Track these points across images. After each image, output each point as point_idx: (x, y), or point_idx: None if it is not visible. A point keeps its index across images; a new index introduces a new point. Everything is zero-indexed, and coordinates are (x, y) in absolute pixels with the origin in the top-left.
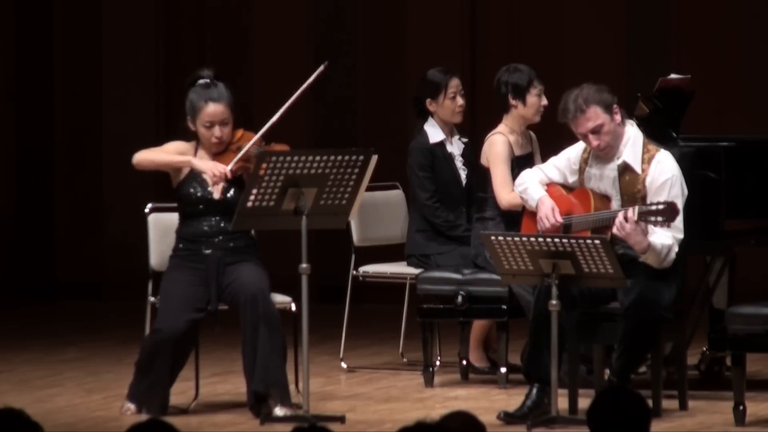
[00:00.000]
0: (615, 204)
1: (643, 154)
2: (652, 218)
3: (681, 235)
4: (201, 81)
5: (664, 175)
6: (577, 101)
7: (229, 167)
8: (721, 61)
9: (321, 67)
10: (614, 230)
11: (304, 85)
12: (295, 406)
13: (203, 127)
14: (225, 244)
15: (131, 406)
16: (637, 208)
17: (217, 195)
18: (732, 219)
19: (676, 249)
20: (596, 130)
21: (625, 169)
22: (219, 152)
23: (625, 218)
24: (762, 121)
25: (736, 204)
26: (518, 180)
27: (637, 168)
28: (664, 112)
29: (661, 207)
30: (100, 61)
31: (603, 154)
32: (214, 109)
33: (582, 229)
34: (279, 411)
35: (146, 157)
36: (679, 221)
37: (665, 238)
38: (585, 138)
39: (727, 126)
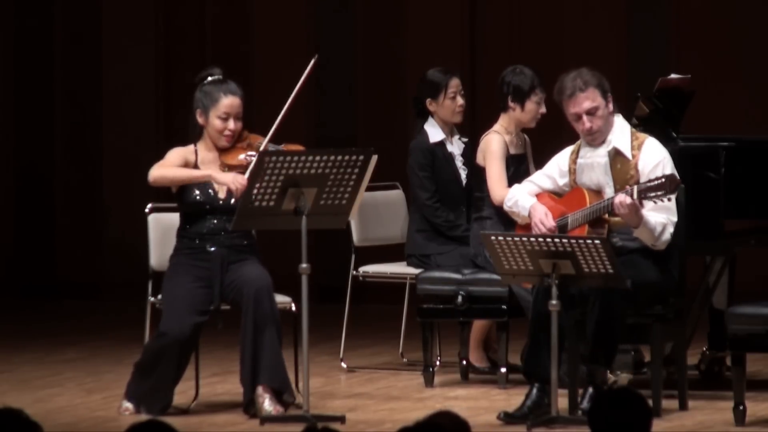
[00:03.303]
0: (609, 192)
1: (632, 140)
2: (653, 194)
3: (675, 218)
4: (213, 77)
5: (655, 157)
6: (576, 81)
7: (247, 175)
8: (721, 60)
9: (312, 61)
10: (616, 201)
11: (300, 81)
12: (295, 407)
13: (218, 118)
14: (228, 241)
15: (129, 406)
16: (636, 186)
17: (222, 194)
18: (732, 219)
19: (671, 230)
20: (592, 112)
21: (616, 154)
22: (225, 148)
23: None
24: (762, 121)
25: (736, 204)
26: (507, 195)
27: (628, 153)
28: (664, 112)
29: (660, 181)
30: (100, 61)
31: (591, 139)
32: (231, 101)
33: (579, 225)
34: (268, 406)
35: (163, 174)
36: (672, 204)
37: (659, 217)
38: (578, 119)
39: (727, 126)
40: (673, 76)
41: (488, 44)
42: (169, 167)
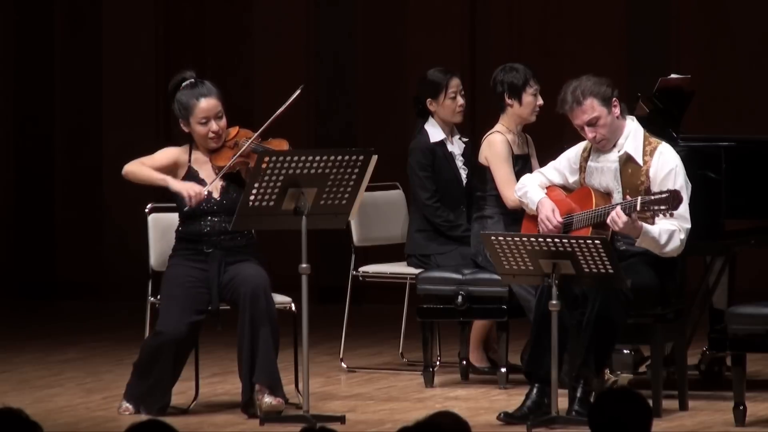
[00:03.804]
0: (617, 197)
1: (645, 146)
2: (655, 207)
3: (687, 225)
4: (186, 82)
5: (668, 165)
6: (575, 93)
7: (206, 189)
8: (721, 61)
9: (297, 91)
10: (609, 219)
11: (282, 108)
12: (295, 407)
13: (199, 124)
14: (226, 243)
15: (129, 406)
16: (639, 198)
17: (216, 194)
18: (732, 219)
19: (682, 236)
20: (592, 123)
21: (626, 160)
22: (215, 149)
23: (624, 209)
24: (762, 121)
25: (736, 204)
26: (518, 185)
27: (639, 159)
28: (664, 112)
29: (663, 196)
30: (101, 61)
31: (600, 146)
32: (206, 104)
33: (583, 226)
34: (268, 398)
35: (131, 170)
36: (684, 211)
37: (668, 224)
38: (581, 130)
39: (727, 126)
40: (673, 76)
41: (488, 44)
42: (142, 165)
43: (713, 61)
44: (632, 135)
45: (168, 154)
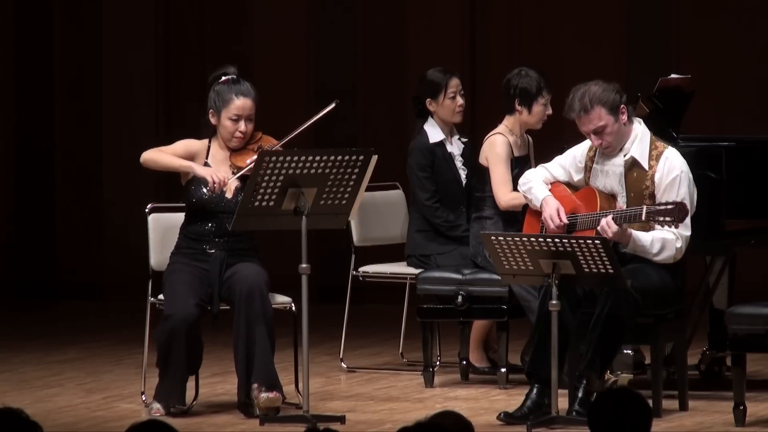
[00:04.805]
0: (621, 201)
1: (651, 150)
2: (660, 218)
3: (687, 232)
4: (227, 77)
5: (673, 172)
6: (583, 100)
7: (231, 178)
8: (721, 61)
9: (332, 104)
10: (599, 229)
11: (314, 119)
12: (295, 407)
13: (229, 120)
14: (228, 245)
15: (159, 407)
16: (645, 208)
17: (229, 195)
18: (732, 219)
19: (678, 245)
20: (599, 131)
21: (632, 165)
22: (236, 149)
23: (624, 219)
24: (762, 121)
25: (736, 204)
26: (522, 179)
27: (645, 164)
28: (664, 112)
29: (669, 207)
30: (101, 61)
31: (605, 152)
32: (243, 102)
33: (587, 228)
34: (265, 393)
35: (152, 157)
36: (686, 218)
37: (665, 232)
38: (588, 136)
39: (727, 126)
40: (673, 76)
41: (488, 44)
42: (162, 152)
43: (713, 61)
44: (639, 139)
45: (187, 145)
